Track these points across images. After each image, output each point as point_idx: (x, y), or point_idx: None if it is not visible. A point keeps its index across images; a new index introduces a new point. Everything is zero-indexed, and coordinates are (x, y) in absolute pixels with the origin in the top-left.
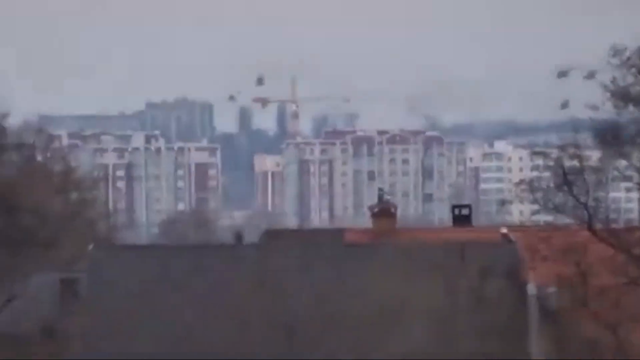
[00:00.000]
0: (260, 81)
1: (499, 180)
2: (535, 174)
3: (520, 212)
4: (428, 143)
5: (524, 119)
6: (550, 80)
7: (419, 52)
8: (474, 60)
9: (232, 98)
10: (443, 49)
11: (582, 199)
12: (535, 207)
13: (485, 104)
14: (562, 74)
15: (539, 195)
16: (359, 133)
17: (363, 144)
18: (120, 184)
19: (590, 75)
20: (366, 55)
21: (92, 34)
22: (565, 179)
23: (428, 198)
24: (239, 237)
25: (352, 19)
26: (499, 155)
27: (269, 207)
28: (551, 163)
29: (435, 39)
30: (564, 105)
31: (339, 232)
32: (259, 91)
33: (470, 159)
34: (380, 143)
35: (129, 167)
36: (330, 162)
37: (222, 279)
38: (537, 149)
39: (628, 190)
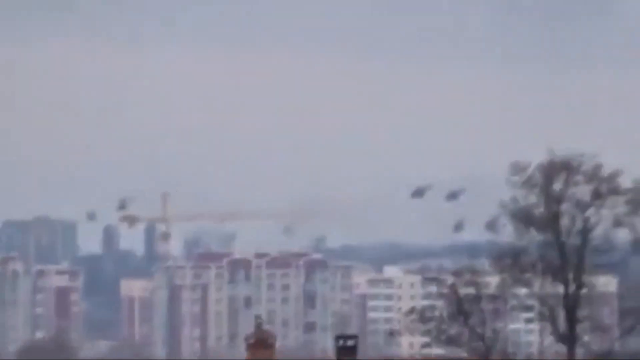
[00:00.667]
0: (122, 204)
1: (388, 308)
2: (427, 302)
3: (411, 344)
4: (311, 267)
5: (415, 241)
6: (444, 200)
7: (300, 166)
8: (360, 175)
9: (91, 217)
10: (327, 163)
11: (479, 330)
12: (427, 339)
13: (372, 224)
14: (418, 192)
15: (431, 325)
16: (236, 256)
17: (239, 267)
18: None
19: (452, 197)
20: (243, 171)
21: None
22: (461, 308)
23: (310, 327)
24: None
25: (226, 130)
26: (388, 282)
27: (136, 337)
28: (445, 290)
29: (318, 153)
30: (458, 227)
31: None
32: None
33: (357, 285)
34: (259, 267)
35: None
36: (204, 287)
37: None
38: (430, 275)
39: (528, 321)
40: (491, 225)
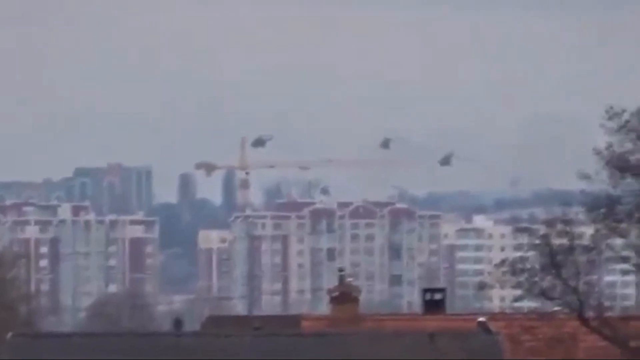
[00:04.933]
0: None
1: (478, 260)
2: (518, 253)
3: (502, 297)
4: (396, 217)
5: (506, 189)
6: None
7: (386, 114)
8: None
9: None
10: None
11: (572, 283)
12: (519, 292)
13: (461, 172)
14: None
15: (522, 278)
16: (318, 205)
17: (322, 217)
18: (44, 262)
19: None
20: (326, 117)
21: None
22: (553, 260)
23: (396, 280)
24: (178, 324)
25: (309, 76)
26: (477, 232)
27: (214, 290)
28: (537, 241)
29: (404, 98)
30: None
31: (294, 320)
32: (202, 155)
33: (445, 236)
34: (342, 217)
35: (54, 242)
36: (285, 239)
37: None
38: (521, 225)
39: (624, 273)
40: (584, 173)
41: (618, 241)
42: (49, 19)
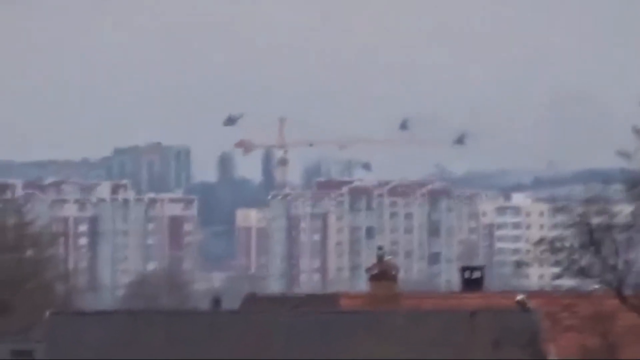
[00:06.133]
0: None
1: (516, 238)
2: (557, 232)
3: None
4: (435, 195)
5: (544, 168)
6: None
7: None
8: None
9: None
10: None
11: (611, 261)
12: (557, 270)
13: (499, 150)
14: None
15: (561, 256)
16: (356, 183)
17: (361, 196)
18: (83, 241)
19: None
20: (363, 96)
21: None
22: (592, 238)
23: (434, 258)
24: (217, 302)
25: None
26: (516, 210)
27: (252, 269)
28: (576, 219)
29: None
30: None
31: (333, 298)
32: (241, 133)
33: (484, 214)
34: (381, 195)
35: (92, 221)
36: (323, 217)
37: (197, 350)
38: (560, 203)
39: None
40: (624, 151)
41: None
42: None
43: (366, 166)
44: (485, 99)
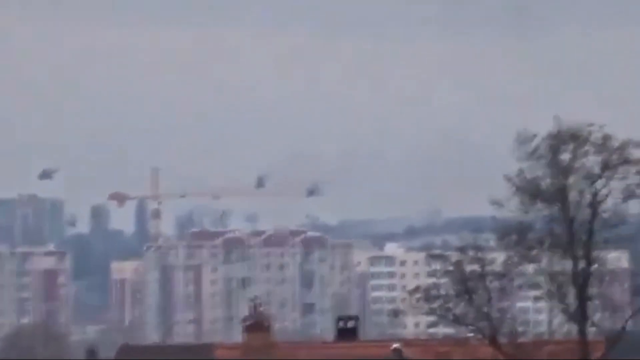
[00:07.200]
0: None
1: (391, 287)
2: (432, 280)
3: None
4: (309, 245)
5: (418, 217)
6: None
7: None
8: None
9: (78, 196)
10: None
11: (485, 309)
12: (433, 318)
13: (374, 200)
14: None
15: (436, 304)
16: (230, 234)
17: (235, 246)
18: None
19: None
20: (234, 146)
21: None
22: (466, 286)
23: (309, 309)
24: (92, 353)
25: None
26: (390, 259)
27: (127, 320)
28: (450, 268)
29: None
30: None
31: (208, 348)
32: (116, 186)
33: (358, 264)
34: (254, 246)
35: None
36: (198, 268)
37: None
38: (434, 252)
39: (536, 299)
40: (495, 200)
41: (530, 267)
42: None
43: (238, 216)
44: (356, 145)
